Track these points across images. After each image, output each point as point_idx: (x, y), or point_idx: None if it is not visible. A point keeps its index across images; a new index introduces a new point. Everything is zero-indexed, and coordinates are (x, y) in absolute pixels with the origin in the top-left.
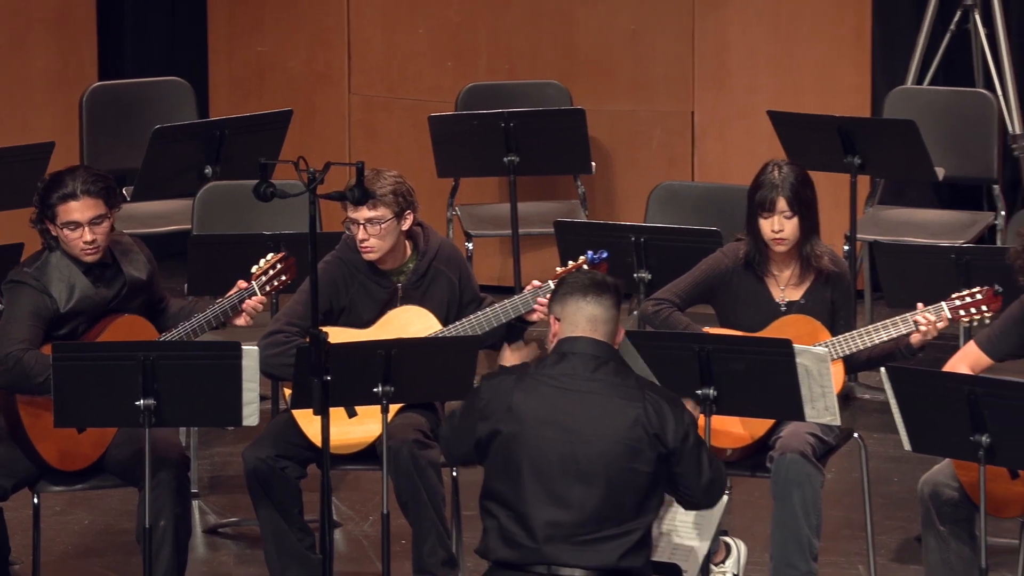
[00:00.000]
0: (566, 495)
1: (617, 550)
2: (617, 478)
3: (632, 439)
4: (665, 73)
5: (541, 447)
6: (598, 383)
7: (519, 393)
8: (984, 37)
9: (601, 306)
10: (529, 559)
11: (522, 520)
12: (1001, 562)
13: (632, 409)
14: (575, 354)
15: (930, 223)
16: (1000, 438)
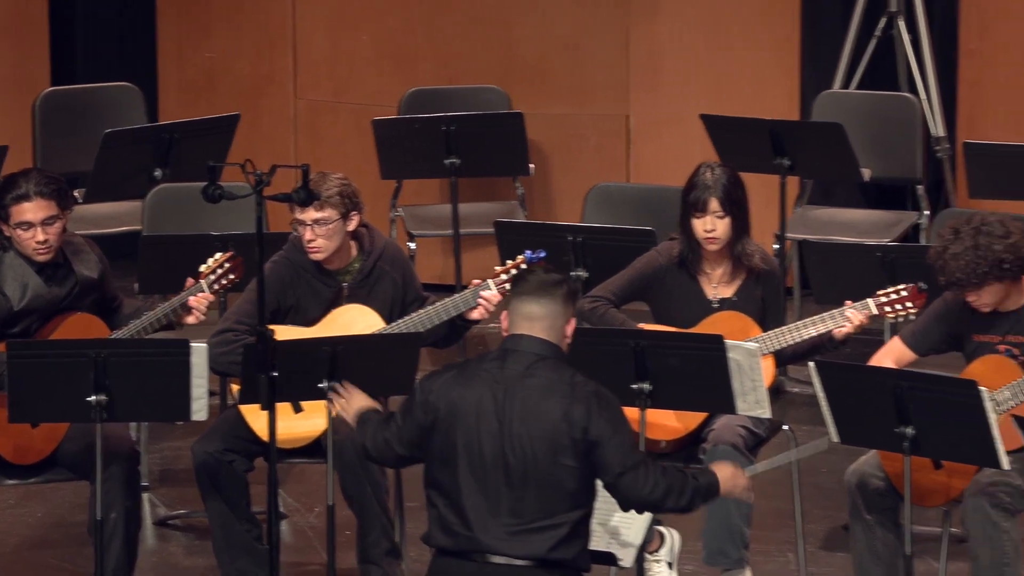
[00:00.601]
0: (498, 487)
1: (548, 541)
2: (546, 473)
3: (559, 435)
4: (601, 78)
5: (476, 439)
6: (533, 379)
7: (459, 386)
8: (908, 43)
9: (538, 304)
10: (464, 547)
11: (458, 509)
12: (925, 549)
13: (561, 406)
14: (515, 351)
15: (857, 222)
16: (924, 430)
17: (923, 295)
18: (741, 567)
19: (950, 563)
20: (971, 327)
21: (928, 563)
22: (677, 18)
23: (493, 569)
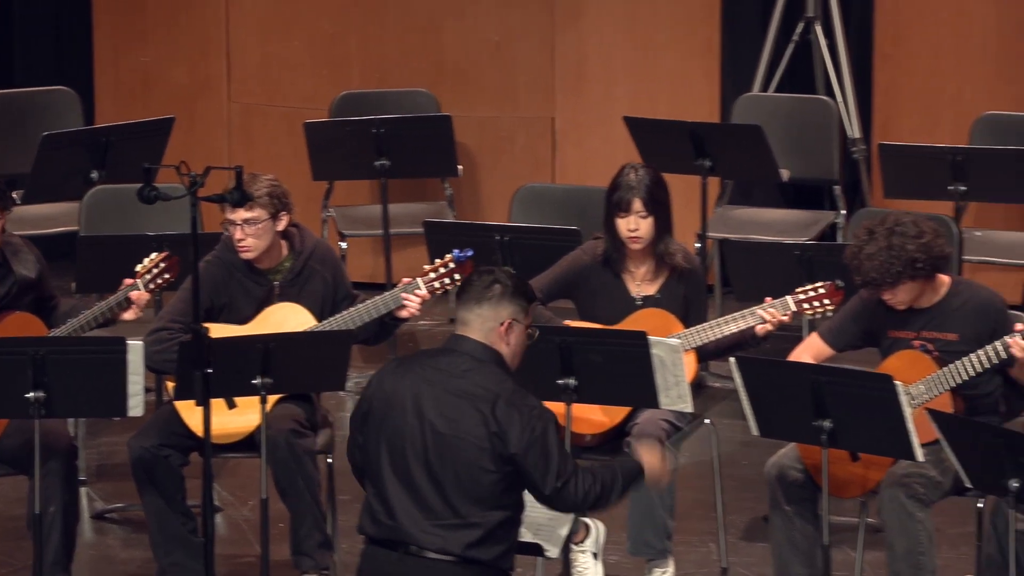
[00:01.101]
0: (417, 481)
1: (464, 540)
2: (465, 474)
3: (480, 441)
4: (527, 81)
5: (401, 431)
6: (464, 382)
7: (394, 376)
8: (825, 47)
9: (466, 308)
10: (389, 536)
11: (383, 498)
12: (843, 539)
13: (486, 413)
14: (454, 351)
15: (776, 222)
16: (841, 423)
17: (840, 292)
18: (664, 557)
19: (867, 552)
20: (887, 323)
21: (845, 553)
22: (601, 23)
23: (414, 561)
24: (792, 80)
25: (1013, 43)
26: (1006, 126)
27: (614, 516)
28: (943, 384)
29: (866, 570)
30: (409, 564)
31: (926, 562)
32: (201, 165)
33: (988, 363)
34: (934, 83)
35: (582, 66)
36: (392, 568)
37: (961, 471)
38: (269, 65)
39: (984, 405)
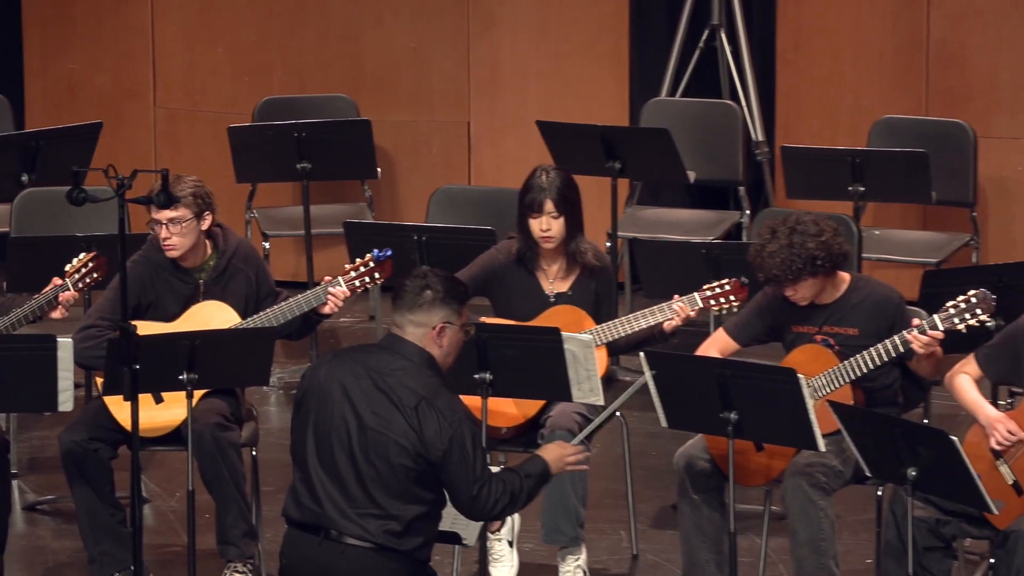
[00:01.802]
0: (341, 470)
1: (381, 529)
2: (386, 469)
3: (402, 440)
4: (443, 87)
5: (329, 420)
6: (392, 380)
7: (329, 367)
8: (729, 54)
9: (399, 313)
10: (311, 520)
11: (309, 484)
12: (748, 526)
13: (410, 415)
14: (388, 349)
15: (683, 221)
16: (746, 415)
17: (745, 289)
18: (577, 544)
19: (771, 539)
20: (790, 319)
21: (751, 539)
22: (514, 30)
23: (333, 546)
24: (698, 85)
25: (908, 50)
26: (902, 129)
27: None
28: (844, 377)
29: (770, 556)
30: (329, 548)
31: (828, 548)
32: (128, 168)
33: (887, 356)
34: (833, 88)
35: (496, 72)
36: (313, 552)
37: (861, 460)
38: (193, 72)
39: (883, 397)
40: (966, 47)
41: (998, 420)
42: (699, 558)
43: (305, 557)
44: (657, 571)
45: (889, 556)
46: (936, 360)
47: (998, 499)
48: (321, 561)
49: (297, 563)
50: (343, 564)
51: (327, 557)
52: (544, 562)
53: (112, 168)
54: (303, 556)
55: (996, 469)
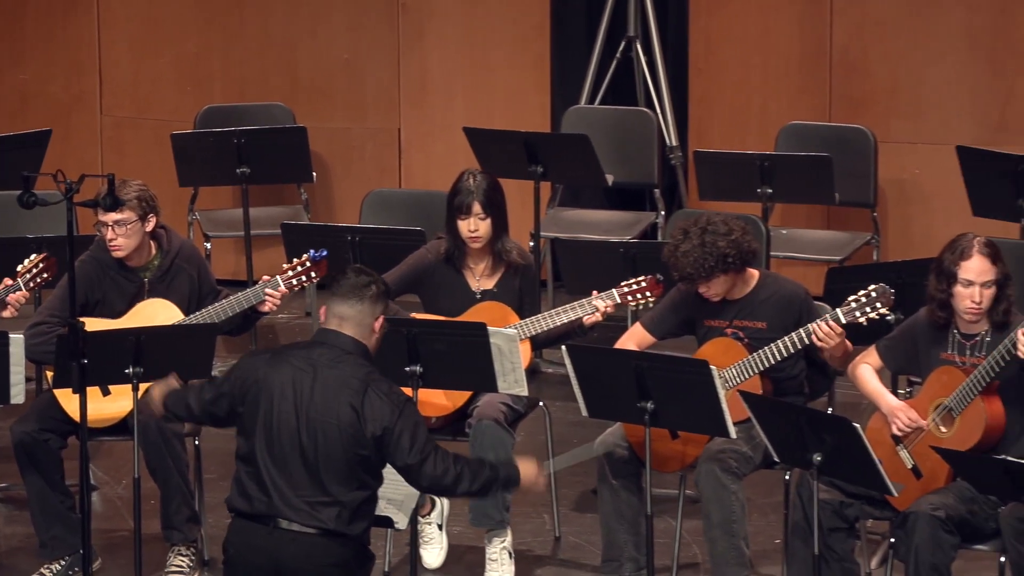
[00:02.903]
0: (293, 463)
1: (330, 516)
2: (336, 458)
3: (351, 426)
4: (375, 95)
5: (276, 417)
6: (335, 372)
7: (268, 367)
8: (645, 64)
9: (349, 305)
10: (260, 511)
11: (258, 479)
12: (664, 509)
13: (355, 401)
14: (324, 344)
15: (602, 222)
16: (662, 404)
17: (660, 285)
18: (503, 527)
19: (685, 521)
20: (702, 313)
21: (667, 521)
22: (442, 42)
23: (283, 534)
24: (615, 93)
25: (812, 59)
26: (807, 134)
27: None
28: (753, 368)
29: (685, 537)
30: (279, 537)
31: (739, 529)
32: (76, 173)
33: (793, 348)
34: (743, 95)
35: (425, 81)
36: (262, 541)
37: (770, 446)
38: (138, 82)
39: (790, 387)
40: (867, 56)
41: (899, 408)
42: (618, 539)
43: (253, 546)
44: (578, 552)
45: (796, 536)
46: (846, 351)
47: (898, 482)
48: (270, 549)
49: (245, 552)
50: (293, 550)
51: (276, 545)
52: (472, 544)
53: (61, 173)
54: (251, 545)
55: (896, 454)
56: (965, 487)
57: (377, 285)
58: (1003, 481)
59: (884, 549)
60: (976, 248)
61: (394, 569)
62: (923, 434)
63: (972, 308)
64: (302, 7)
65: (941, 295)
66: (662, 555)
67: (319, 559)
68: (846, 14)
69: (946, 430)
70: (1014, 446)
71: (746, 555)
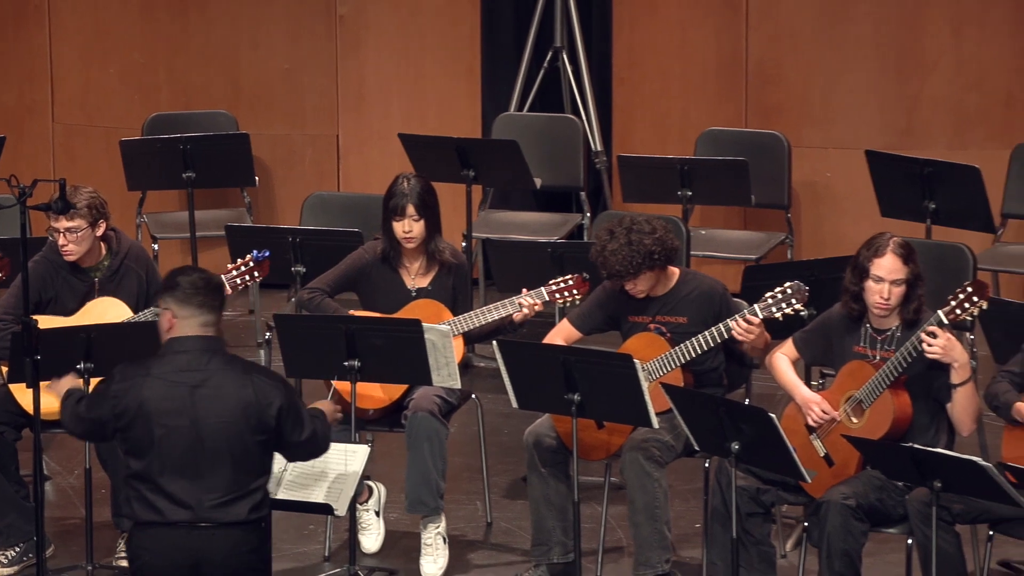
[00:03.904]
0: (198, 470)
1: (246, 506)
2: (239, 450)
3: (246, 415)
4: (314, 103)
5: (171, 432)
6: (211, 372)
7: (146, 391)
8: (571, 73)
9: (213, 312)
10: (174, 519)
11: (162, 492)
12: (590, 496)
13: (243, 388)
14: (186, 352)
15: (530, 223)
16: (588, 396)
17: (587, 283)
18: (437, 514)
19: (611, 507)
20: (626, 310)
21: (593, 507)
22: (378, 52)
23: (201, 531)
24: (543, 101)
25: (729, 69)
26: (724, 140)
27: (394, 479)
28: (675, 361)
29: (610, 522)
30: (197, 535)
31: (661, 514)
32: (29, 178)
33: (713, 342)
34: (663, 103)
35: (361, 90)
36: (182, 542)
37: (690, 436)
38: (88, 91)
39: (710, 379)
40: (781, 66)
41: (813, 400)
42: (547, 525)
43: (173, 547)
44: (509, 537)
45: (715, 521)
46: (766, 342)
47: (811, 469)
48: (191, 548)
49: (162, 555)
50: (213, 545)
51: (196, 544)
52: (407, 530)
53: (14, 178)
54: (170, 547)
55: (810, 443)
56: (874, 475)
57: (218, 282)
58: (910, 468)
59: (798, 533)
60: (890, 248)
61: (334, 554)
62: (835, 424)
63: (880, 303)
64: (243, 19)
65: (854, 288)
66: (589, 539)
67: (238, 548)
68: (761, 27)
69: (857, 421)
70: (920, 437)
71: (668, 539)
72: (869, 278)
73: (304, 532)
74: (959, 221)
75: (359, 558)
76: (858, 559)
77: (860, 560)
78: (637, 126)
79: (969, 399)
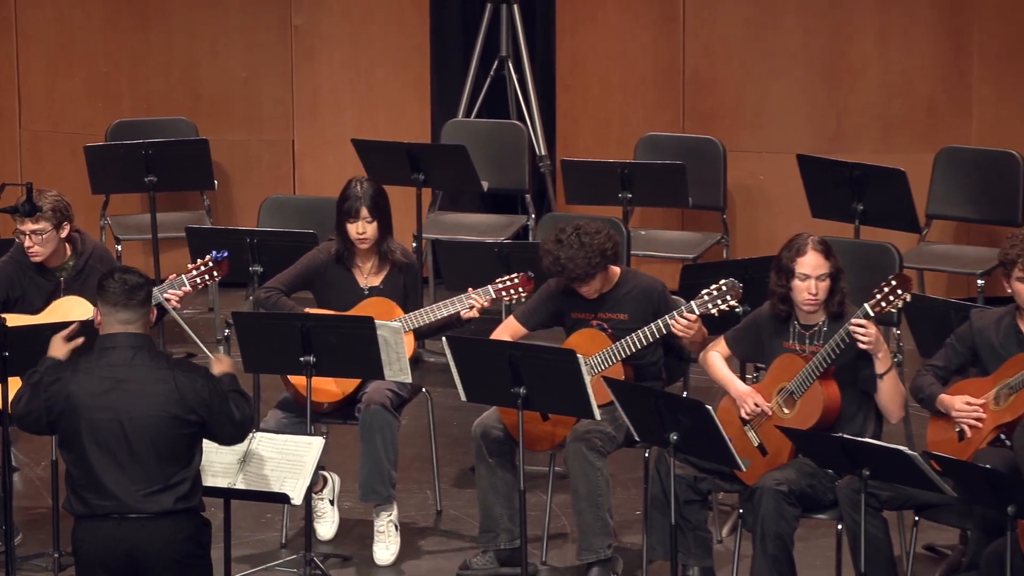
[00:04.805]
0: (124, 462)
1: (172, 497)
2: (163, 442)
3: (171, 408)
4: (271, 110)
5: (97, 426)
6: (136, 368)
7: (73, 385)
8: (516, 81)
9: (131, 310)
10: (102, 512)
11: (95, 484)
12: (536, 484)
13: (166, 384)
14: (115, 348)
15: (478, 224)
16: (533, 389)
17: (532, 282)
18: (390, 502)
19: (555, 495)
20: (570, 307)
21: (538, 496)
22: (331, 61)
23: (131, 523)
24: (489, 107)
25: (667, 76)
26: (663, 144)
27: (348, 470)
28: (616, 356)
29: (555, 510)
30: (127, 527)
31: (604, 502)
32: None
33: (652, 338)
34: (605, 109)
35: (316, 97)
36: (114, 532)
37: (631, 427)
38: (54, 99)
39: (649, 372)
40: (716, 74)
41: (747, 394)
42: (494, 513)
43: (106, 538)
44: (458, 524)
45: (655, 508)
46: (702, 337)
47: (746, 458)
48: (123, 539)
49: (98, 546)
50: (145, 535)
51: (128, 535)
52: (361, 518)
53: None
54: (104, 537)
55: (744, 434)
56: (806, 463)
57: (147, 287)
58: (840, 456)
59: (734, 519)
60: (810, 245)
61: (290, 541)
62: (768, 416)
63: (809, 300)
64: (203, 31)
65: (781, 290)
66: (534, 526)
67: (171, 536)
68: (697, 36)
69: (788, 411)
70: (849, 425)
71: (610, 525)
72: (795, 277)
73: (262, 520)
74: (886, 222)
75: (315, 545)
76: (790, 542)
77: (792, 543)
78: (579, 131)
79: (894, 387)
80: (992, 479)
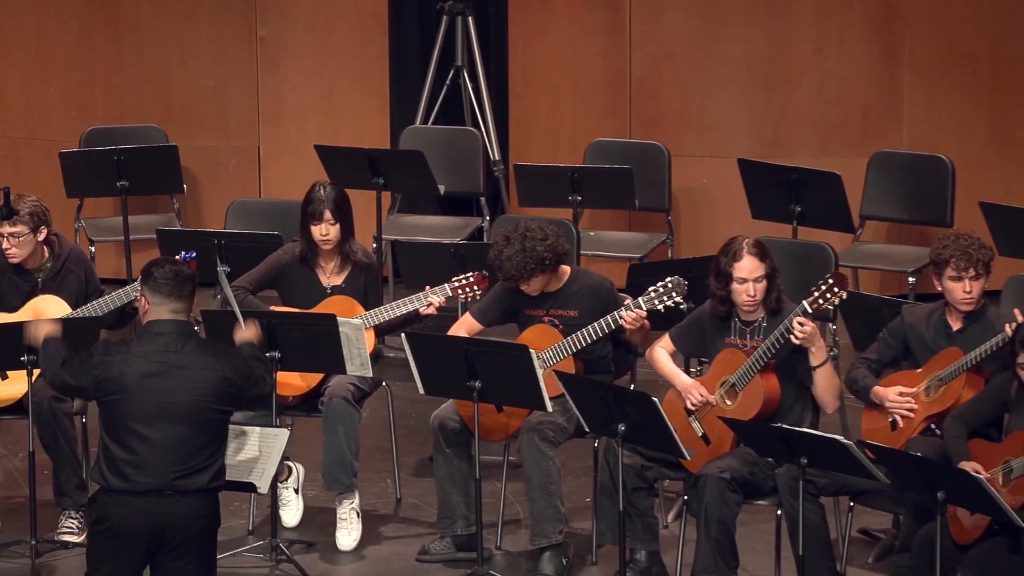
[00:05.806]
0: (167, 442)
1: (207, 475)
2: (208, 423)
3: (219, 390)
4: (238, 117)
5: (146, 407)
6: (186, 354)
7: (125, 366)
8: (471, 89)
9: (183, 300)
10: (141, 488)
11: (136, 461)
12: (491, 474)
13: (216, 369)
14: (163, 333)
15: (435, 226)
16: (488, 383)
17: (486, 280)
18: (352, 491)
19: (509, 484)
20: (523, 304)
21: (493, 484)
22: (295, 70)
23: (167, 499)
24: (446, 114)
25: (615, 85)
26: (611, 150)
27: (312, 459)
28: (567, 350)
29: (509, 498)
30: (163, 502)
31: (555, 490)
32: None
33: (601, 333)
34: (556, 116)
35: (281, 105)
36: (150, 507)
37: (581, 418)
38: (30, 107)
39: (599, 366)
40: (661, 82)
41: (692, 386)
42: (451, 500)
43: (139, 512)
44: (417, 511)
45: (604, 495)
46: (645, 332)
47: (691, 448)
48: (158, 513)
49: (131, 520)
50: (178, 510)
51: (163, 510)
52: (324, 506)
53: None
54: (137, 512)
55: (689, 424)
56: (747, 452)
57: (187, 275)
58: (779, 446)
59: (679, 505)
60: (746, 250)
61: (257, 528)
62: (711, 407)
63: (748, 301)
64: (173, 41)
65: (721, 292)
66: (489, 513)
67: (199, 513)
68: (643, 47)
69: (731, 403)
70: (788, 415)
71: (561, 512)
72: (733, 281)
73: (230, 508)
74: (822, 223)
75: (280, 532)
76: (733, 527)
77: (734, 528)
78: (531, 137)
79: (829, 379)
80: (923, 466)
